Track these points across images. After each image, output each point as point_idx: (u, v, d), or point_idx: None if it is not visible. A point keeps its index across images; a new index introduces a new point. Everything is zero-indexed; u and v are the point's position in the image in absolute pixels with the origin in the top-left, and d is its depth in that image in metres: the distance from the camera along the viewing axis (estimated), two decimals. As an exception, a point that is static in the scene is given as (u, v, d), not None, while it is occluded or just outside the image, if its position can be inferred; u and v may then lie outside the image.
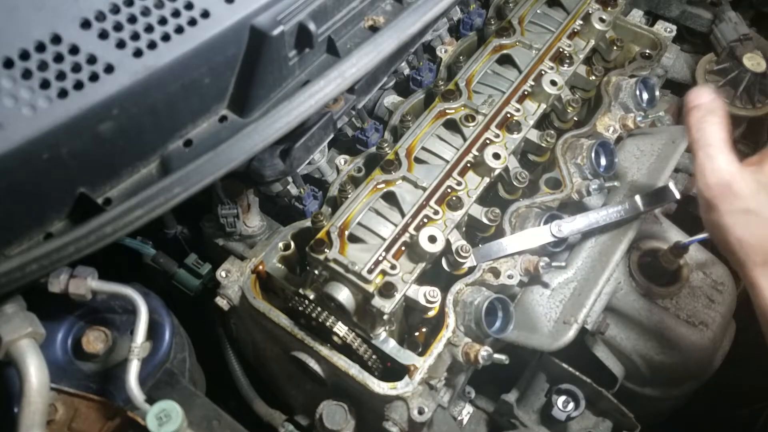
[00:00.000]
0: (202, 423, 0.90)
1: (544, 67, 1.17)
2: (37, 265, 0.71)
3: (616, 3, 1.29)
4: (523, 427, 1.16)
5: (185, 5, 0.81)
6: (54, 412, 0.88)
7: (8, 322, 0.77)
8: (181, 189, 0.75)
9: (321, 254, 0.91)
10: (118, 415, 0.88)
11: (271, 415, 1.15)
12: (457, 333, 0.96)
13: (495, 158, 1.03)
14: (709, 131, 0.84)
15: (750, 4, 1.65)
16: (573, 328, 1.01)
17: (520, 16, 1.25)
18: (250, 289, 0.99)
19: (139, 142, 0.82)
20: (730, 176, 0.81)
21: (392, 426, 0.92)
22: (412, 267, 0.93)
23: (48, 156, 0.73)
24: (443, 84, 1.20)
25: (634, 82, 1.21)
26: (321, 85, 0.83)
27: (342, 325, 0.91)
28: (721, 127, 0.85)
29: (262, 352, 1.11)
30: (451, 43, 1.34)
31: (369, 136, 1.20)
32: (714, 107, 0.86)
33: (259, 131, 0.80)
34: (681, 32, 1.61)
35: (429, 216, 0.98)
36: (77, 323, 0.97)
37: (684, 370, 1.19)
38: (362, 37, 0.98)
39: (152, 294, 0.96)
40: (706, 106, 0.86)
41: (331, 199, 1.12)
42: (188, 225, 1.15)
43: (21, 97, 0.71)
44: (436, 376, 0.95)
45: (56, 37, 0.74)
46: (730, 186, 0.81)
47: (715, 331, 1.18)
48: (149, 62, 0.77)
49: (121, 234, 0.73)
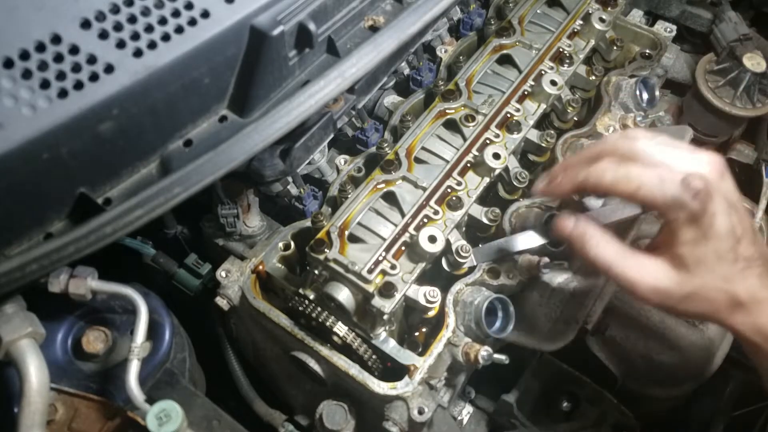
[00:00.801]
0: (202, 423, 0.90)
1: (544, 67, 1.17)
2: (37, 265, 0.71)
3: (616, 3, 1.29)
4: (523, 427, 1.16)
5: (185, 5, 0.81)
6: (54, 412, 0.88)
7: (8, 322, 0.77)
8: (181, 189, 0.75)
9: (321, 254, 0.91)
10: (118, 415, 0.88)
11: (271, 415, 1.15)
12: (457, 333, 0.96)
13: (495, 158, 1.03)
14: (601, 253, 0.81)
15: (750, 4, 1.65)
16: (573, 328, 1.01)
17: (520, 16, 1.25)
18: (250, 289, 0.99)
19: (139, 142, 0.82)
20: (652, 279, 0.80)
21: (392, 426, 0.92)
22: (412, 267, 0.93)
23: (48, 156, 0.73)
24: (443, 84, 1.20)
25: (634, 82, 1.21)
26: (321, 85, 0.83)
27: (342, 325, 0.91)
28: (605, 240, 0.82)
29: (262, 352, 1.11)
30: (451, 43, 1.34)
31: (369, 136, 1.20)
32: (584, 229, 0.83)
33: (259, 131, 0.80)
34: (681, 32, 1.61)
35: (429, 216, 0.98)
36: (77, 323, 0.97)
37: (684, 370, 1.19)
38: (362, 37, 0.98)
39: (152, 294, 0.96)
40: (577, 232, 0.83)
41: (331, 199, 1.12)
42: (188, 225, 1.15)
43: (21, 97, 0.71)
44: (436, 376, 0.95)
45: (56, 37, 0.74)
46: (658, 288, 0.80)
47: (715, 331, 1.18)
48: (149, 62, 0.77)
49: (121, 234, 0.73)
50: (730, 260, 0.78)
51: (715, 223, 0.76)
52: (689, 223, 0.77)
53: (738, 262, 0.78)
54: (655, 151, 0.79)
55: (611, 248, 0.82)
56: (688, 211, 0.75)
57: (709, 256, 0.78)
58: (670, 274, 0.80)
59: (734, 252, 0.78)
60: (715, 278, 0.79)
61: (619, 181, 0.78)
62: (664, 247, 0.81)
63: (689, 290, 0.79)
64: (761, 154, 1.57)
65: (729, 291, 0.79)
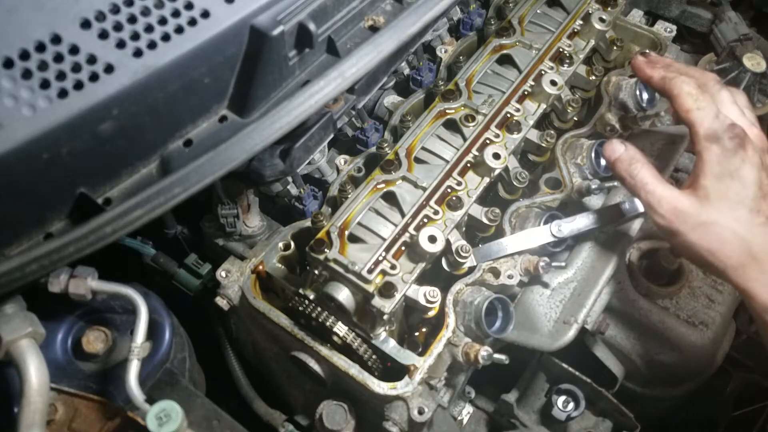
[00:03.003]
0: (202, 423, 0.90)
1: (544, 67, 1.17)
2: (37, 265, 0.71)
3: (616, 3, 1.29)
4: (523, 427, 1.16)
5: (185, 5, 0.81)
6: (54, 412, 0.88)
7: (8, 322, 0.77)
8: (181, 189, 0.75)
9: (321, 254, 0.91)
10: (118, 415, 0.88)
11: (271, 415, 1.15)
12: (457, 333, 0.96)
13: (495, 158, 1.03)
14: (640, 174, 0.92)
15: (750, 4, 1.65)
16: (573, 328, 1.01)
17: (520, 16, 1.25)
18: (250, 289, 0.99)
19: (139, 142, 0.82)
20: (675, 200, 0.88)
21: (392, 426, 0.92)
22: (412, 267, 0.93)
23: (48, 156, 0.73)
24: (443, 84, 1.20)
25: (634, 82, 1.21)
26: (321, 85, 0.83)
27: (342, 325, 0.91)
28: (648, 167, 0.93)
29: (262, 352, 1.11)
30: (451, 43, 1.34)
31: (369, 136, 1.20)
32: (633, 154, 0.95)
33: (259, 131, 0.80)
34: (681, 32, 1.61)
35: (429, 216, 0.98)
36: (77, 323, 0.97)
37: (684, 370, 1.19)
38: (362, 37, 0.98)
39: (152, 294, 0.96)
40: (626, 156, 0.95)
41: (331, 199, 1.12)
42: (188, 225, 1.15)
43: (21, 97, 0.71)
44: (436, 376, 0.95)
45: (56, 37, 0.74)
46: (678, 208, 0.87)
47: (715, 331, 1.18)
48: (149, 62, 0.77)
49: (121, 234, 0.73)
50: (751, 209, 0.83)
51: (742, 168, 0.84)
52: (720, 158, 0.85)
53: (759, 214, 0.83)
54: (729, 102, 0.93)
55: (650, 173, 0.92)
56: (722, 145, 0.85)
57: (731, 195, 0.84)
58: (692, 199, 0.87)
59: (756, 203, 0.83)
60: (733, 219, 0.83)
61: (690, 95, 0.91)
62: (692, 180, 0.89)
63: (705, 219, 0.84)
64: (761, 154, 1.58)
65: (745, 239, 0.82)
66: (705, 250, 0.85)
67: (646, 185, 0.91)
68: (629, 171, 0.93)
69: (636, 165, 0.93)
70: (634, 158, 0.94)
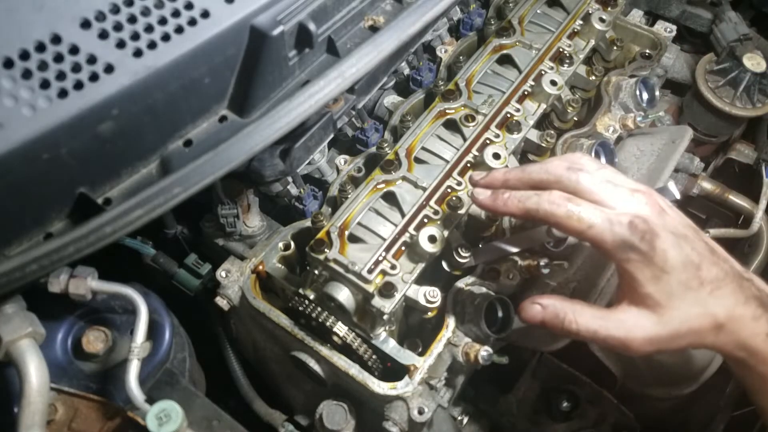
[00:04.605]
0: (202, 423, 0.90)
1: (544, 67, 1.17)
2: (37, 265, 0.71)
3: (616, 3, 1.29)
4: (523, 427, 1.16)
5: (185, 5, 0.81)
6: (54, 412, 0.88)
7: (8, 322, 0.77)
8: (181, 189, 0.75)
9: (321, 254, 0.91)
10: (118, 415, 0.88)
11: (271, 415, 1.15)
12: (457, 333, 0.96)
13: (495, 158, 1.03)
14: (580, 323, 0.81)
15: (750, 4, 1.65)
16: (573, 328, 1.01)
17: (520, 16, 1.25)
18: (250, 289, 0.99)
19: (139, 142, 0.82)
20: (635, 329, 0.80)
21: (392, 426, 0.92)
22: (412, 267, 0.93)
23: (48, 156, 0.73)
24: (443, 84, 1.20)
25: (634, 82, 1.21)
26: (321, 85, 0.83)
27: (342, 325, 0.91)
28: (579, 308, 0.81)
29: (262, 352, 1.11)
30: (451, 43, 1.34)
31: (369, 136, 1.20)
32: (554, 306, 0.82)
33: (259, 131, 0.80)
34: (681, 32, 1.61)
35: (429, 216, 0.98)
36: (77, 323, 0.97)
37: (684, 370, 1.19)
38: (362, 37, 0.98)
39: (152, 294, 0.96)
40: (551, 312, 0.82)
41: (331, 199, 1.12)
42: (188, 225, 1.15)
43: (21, 97, 0.71)
44: (436, 376, 0.95)
45: (56, 37, 0.74)
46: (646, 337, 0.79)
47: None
48: (149, 62, 0.77)
49: (121, 234, 0.73)
50: (697, 287, 0.77)
51: (668, 258, 0.76)
52: (644, 263, 0.77)
53: (704, 286, 0.78)
54: (599, 189, 0.80)
55: (587, 315, 0.81)
56: (639, 251, 0.76)
57: (676, 288, 0.77)
58: (650, 317, 0.79)
59: (698, 279, 0.77)
60: (692, 306, 0.78)
61: (571, 218, 0.78)
62: (629, 294, 0.80)
63: (674, 326, 0.78)
64: (761, 154, 1.58)
65: (709, 314, 0.78)
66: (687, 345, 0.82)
67: (597, 333, 0.80)
68: (566, 327, 0.81)
69: (567, 318, 0.81)
70: (558, 313, 0.81)
